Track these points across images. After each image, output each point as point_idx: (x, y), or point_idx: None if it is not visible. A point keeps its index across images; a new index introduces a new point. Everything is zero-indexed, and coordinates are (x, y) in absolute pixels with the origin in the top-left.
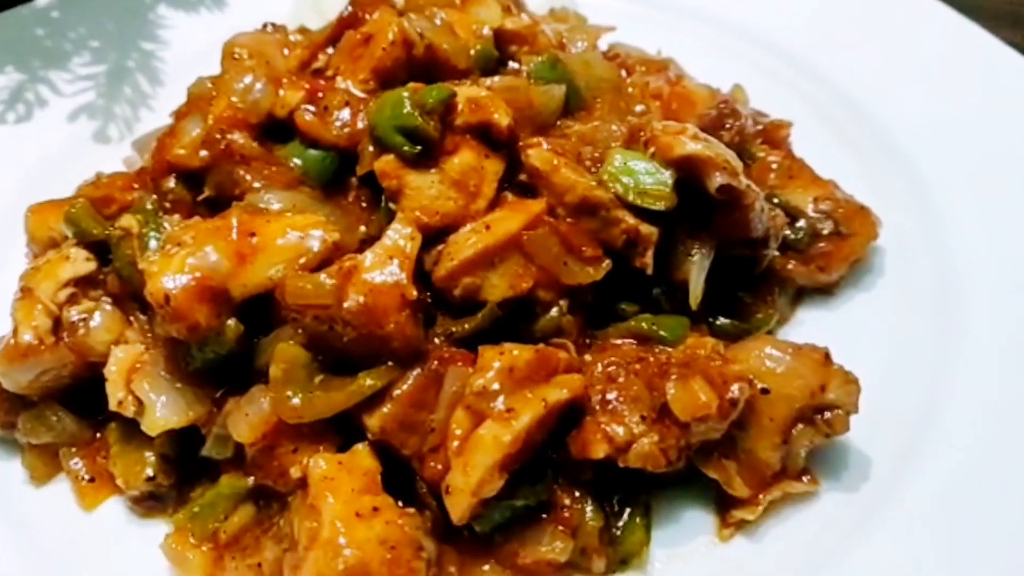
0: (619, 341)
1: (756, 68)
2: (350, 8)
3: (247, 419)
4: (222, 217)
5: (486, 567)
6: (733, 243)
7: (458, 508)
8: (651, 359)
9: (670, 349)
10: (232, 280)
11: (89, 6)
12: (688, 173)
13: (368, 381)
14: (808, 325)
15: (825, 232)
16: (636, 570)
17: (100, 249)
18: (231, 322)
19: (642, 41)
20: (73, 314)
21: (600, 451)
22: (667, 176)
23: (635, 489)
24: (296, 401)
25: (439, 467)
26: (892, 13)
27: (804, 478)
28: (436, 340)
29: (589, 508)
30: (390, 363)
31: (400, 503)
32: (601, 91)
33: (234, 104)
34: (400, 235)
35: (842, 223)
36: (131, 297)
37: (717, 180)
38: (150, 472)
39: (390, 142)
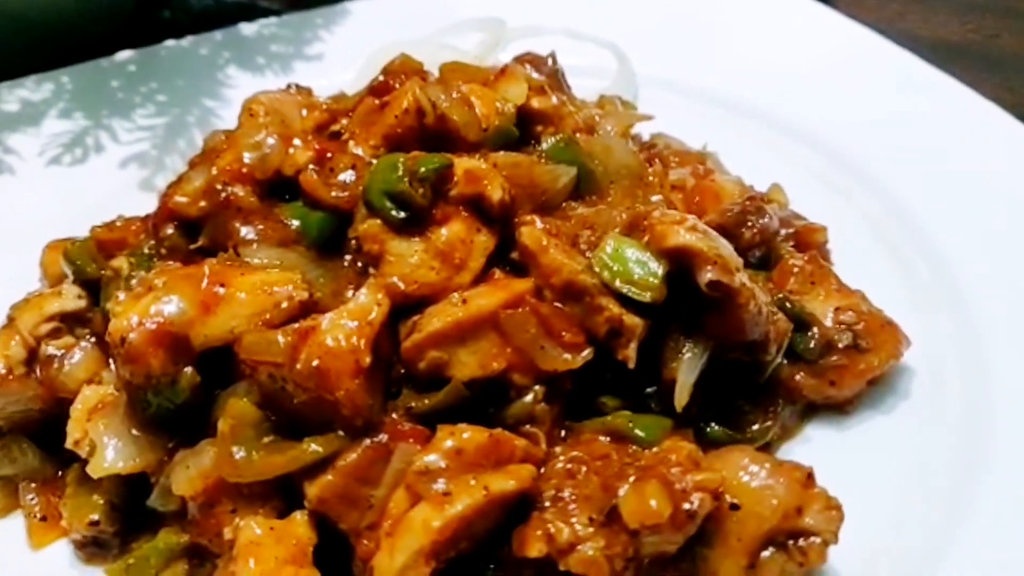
0: (593, 436)
1: (805, 170)
2: (381, 77)
3: (188, 472)
4: (197, 265)
5: None
6: (729, 345)
7: None
8: (614, 457)
9: (644, 451)
10: (193, 329)
11: (164, 63)
12: (680, 265)
13: (312, 447)
14: (815, 443)
15: (842, 345)
16: None
17: (96, 288)
18: (187, 371)
19: (689, 135)
20: (51, 348)
21: (535, 550)
22: (658, 267)
23: None
24: (238, 459)
25: (372, 546)
26: (952, 121)
27: None
28: (395, 415)
29: None
30: (340, 431)
31: None
32: (619, 177)
33: (241, 158)
34: (367, 299)
35: (862, 337)
36: None
37: (707, 275)
38: (95, 517)
39: (378, 206)
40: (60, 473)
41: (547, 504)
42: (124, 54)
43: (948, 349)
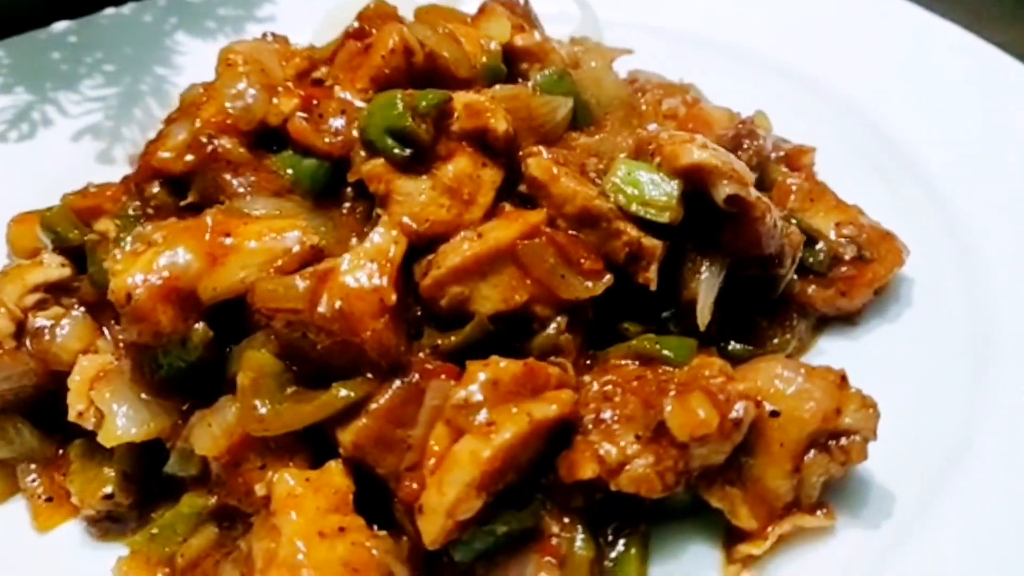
0: (621, 362)
1: (781, 97)
2: (356, 23)
3: (211, 431)
4: (197, 217)
5: None
6: (745, 262)
7: (431, 530)
8: (650, 376)
9: (674, 370)
10: (200, 282)
11: (107, 31)
12: (695, 184)
13: (341, 393)
14: (829, 355)
15: (847, 257)
16: None
17: (78, 256)
18: (198, 326)
19: (664, 72)
20: (39, 320)
21: (588, 471)
22: (673, 187)
23: (632, 519)
24: (263, 412)
25: (415, 487)
26: (921, 43)
27: (819, 512)
28: (421, 354)
29: (580, 537)
30: (368, 375)
31: (375, 526)
32: (612, 108)
33: (225, 109)
34: (383, 238)
35: (865, 248)
36: (106, 305)
37: (724, 190)
38: (108, 490)
39: (380, 145)
40: (61, 451)
41: (590, 427)
42: (62, 25)
43: (942, 256)
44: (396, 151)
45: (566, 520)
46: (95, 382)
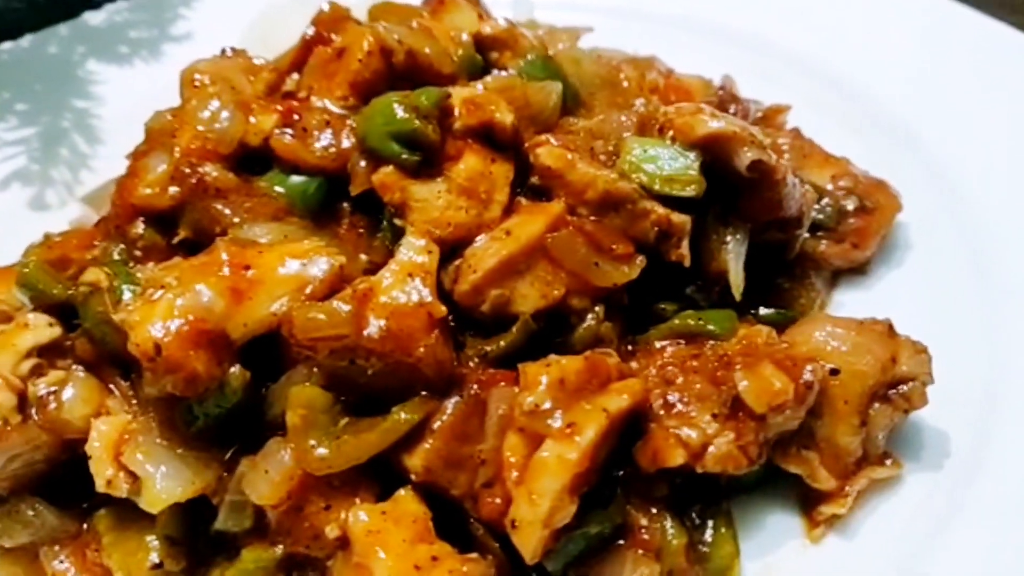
0: (664, 343)
1: (736, 63)
2: (313, 28)
3: (267, 477)
4: (207, 253)
5: None
6: (765, 226)
7: (530, 543)
8: (708, 354)
9: (723, 344)
10: (229, 321)
11: (10, 69)
12: (713, 153)
13: (403, 416)
14: (849, 307)
15: (851, 208)
16: None
17: (62, 312)
18: (235, 369)
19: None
20: (41, 387)
21: (677, 457)
22: (692, 159)
23: (713, 498)
24: (323, 451)
25: (497, 502)
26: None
27: (886, 462)
28: (469, 364)
29: (669, 525)
30: (423, 394)
31: (457, 550)
32: (596, 87)
33: (201, 134)
34: (414, 249)
35: (865, 197)
36: (108, 361)
37: (747, 156)
38: (155, 559)
39: (386, 152)
40: (85, 525)
41: (661, 413)
42: None
43: (926, 197)
44: (405, 156)
45: (653, 511)
46: (120, 446)
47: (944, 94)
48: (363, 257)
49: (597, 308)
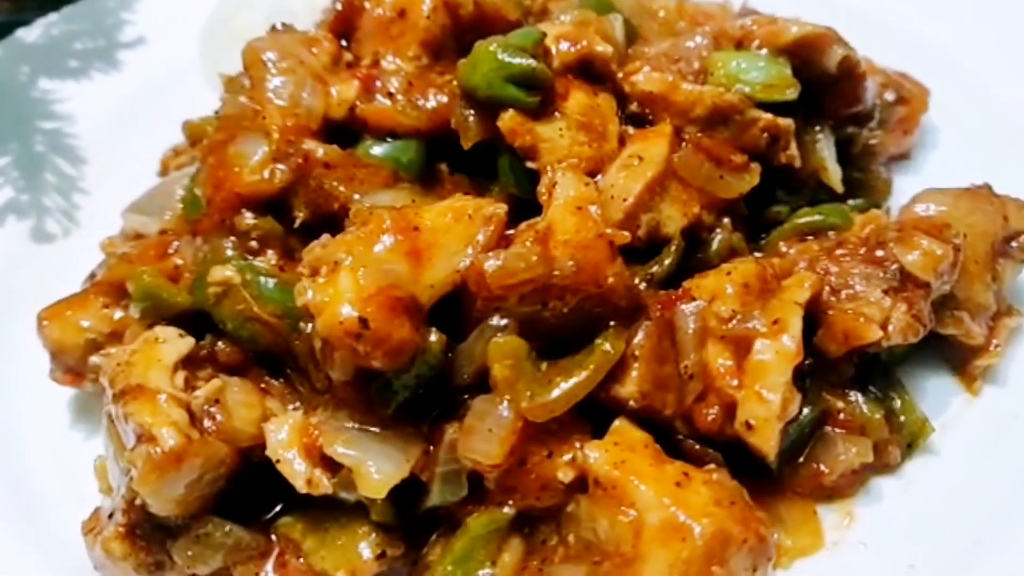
0: (787, 244)
1: None
2: (339, 5)
3: (492, 436)
4: (364, 224)
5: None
6: (842, 121)
7: (770, 440)
8: (853, 240)
9: (846, 233)
10: (416, 284)
11: None
12: (802, 56)
13: (606, 347)
14: (908, 191)
15: (891, 100)
16: (922, 451)
17: (183, 322)
18: (433, 335)
19: None
20: (199, 399)
21: (873, 333)
22: (783, 64)
23: (884, 374)
24: (542, 396)
25: (714, 411)
26: None
27: (1013, 313)
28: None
29: (863, 402)
30: (612, 324)
31: None
32: (641, 19)
33: (289, 111)
34: (573, 184)
35: (898, 89)
36: (255, 361)
37: (837, 54)
38: (374, 549)
39: (505, 97)
40: (272, 537)
41: (832, 300)
42: None
43: (933, 81)
44: (526, 99)
45: (847, 392)
46: (309, 443)
47: None
48: None
49: (725, 220)
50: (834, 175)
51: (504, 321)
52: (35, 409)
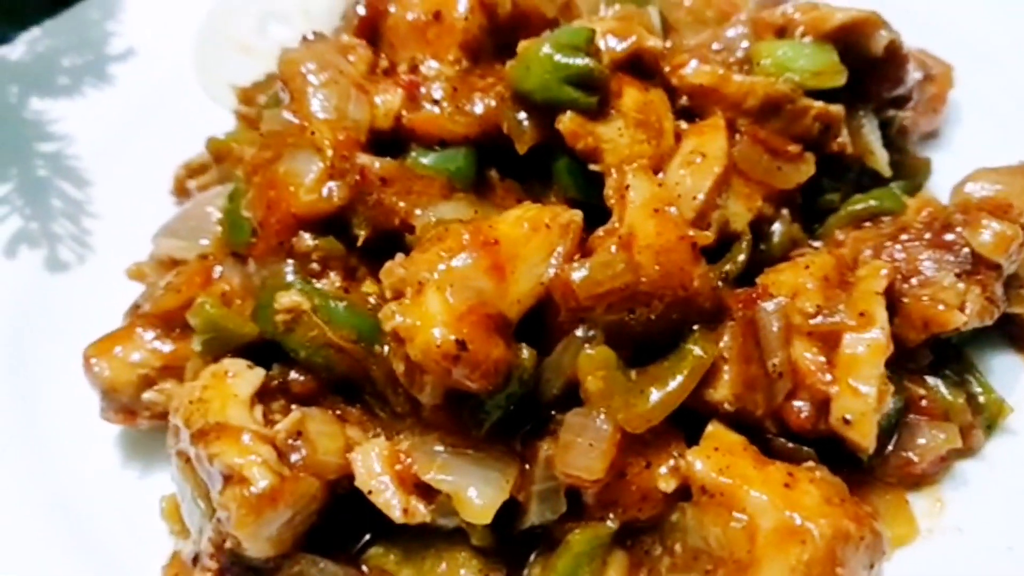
0: (843, 231)
1: None
2: (362, 10)
3: (593, 450)
4: (439, 239)
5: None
6: (882, 104)
7: (867, 432)
8: (916, 225)
9: (902, 218)
10: (503, 300)
11: None
12: (847, 41)
13: (697, 351)
14: (942, 168)
15: (920, 77)
16: (1001, 431)
17: (251, 350)
18: (524, 350)
19: None
20: (282, 433)
21: (956, 320)
22: (829, 51)
23: (955, 357)
24: (640, 406)
25: (806, 408)
26: None
27: None
28: None
29: (942, 387)
30: (695, 327)
31: None
32: (667, 8)
33: (337, 124)
34: (645, 187)
35: (922, 66)
36: (332, 389)
37: (884, 38)
38: (476, 575)
39: (562, 98)
40: (364, 569)
41: (905, 287)
42: None
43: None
44: (586, 99)
45: (925, 379)
46: (402, 471)
47: None
48: None
49: (784, 212)
50: (881, 159)
51: (591, 332)
52: (76, 448)
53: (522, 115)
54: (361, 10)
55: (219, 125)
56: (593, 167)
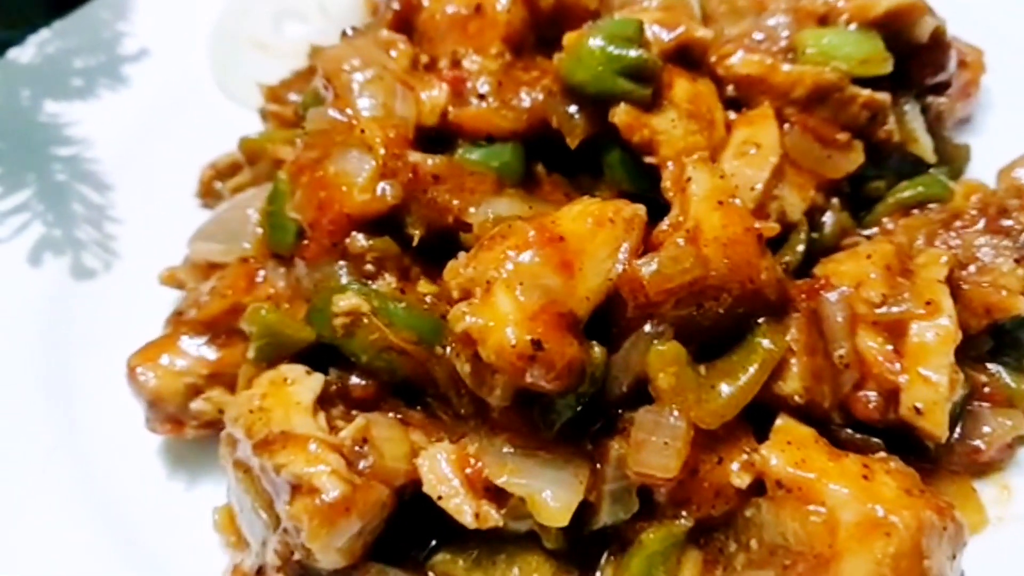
0: (890, 219)
1: None
2: (397, 5)
3: (668, 448)
4: (502, 237)
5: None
6: (923, 91)
7: (939, 421)
8: (970, 211)
9: (950, 204)
10: (572, 297)
11: None
12: (892, 28)
13: (766, 343)
14: (977, 159)
15: (954, 65)
16: None
17: (309, 355)
18: (595, 348)
19: None
20: (348, 440)
21: (1019, 305)
22: (875, 38)
23: (1011, 343)
24: (713, 402)
25: (875, 398)
26: None
27: None
28: None
29: (1005, 374)
30: (760, 320)
31: None
32: None
33: (387, 122)
34: (707, 179)
35: (957, 53)
36: (392, 392)
37: (929, 24)
38: None
39: (616, 91)
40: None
41: (963, 275)
42: None
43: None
44: (640, 90)
45: (986, 366)
46: (471, 476)
47: None
48: None
49: (834, 200)
50: (926, 146)
51: (660, 327)
52: (120, 460)
53: (573, 108)
54: (395, 4)
55: (239, 124)
56: (648, 160)
